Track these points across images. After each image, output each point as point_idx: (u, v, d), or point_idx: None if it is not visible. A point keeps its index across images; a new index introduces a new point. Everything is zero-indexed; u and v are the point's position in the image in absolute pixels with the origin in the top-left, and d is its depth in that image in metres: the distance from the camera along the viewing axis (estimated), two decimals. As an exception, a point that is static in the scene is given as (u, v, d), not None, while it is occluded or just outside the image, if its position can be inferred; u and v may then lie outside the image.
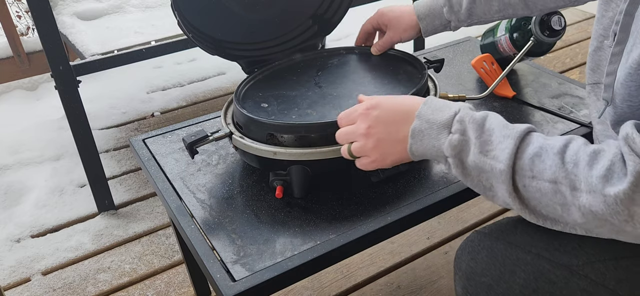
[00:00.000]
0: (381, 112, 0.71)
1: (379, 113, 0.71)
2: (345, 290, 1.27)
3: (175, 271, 1.37)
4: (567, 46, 2.44)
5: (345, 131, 0.75)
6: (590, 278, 0.63)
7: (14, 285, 1.36)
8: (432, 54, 1.04)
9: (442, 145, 0.65)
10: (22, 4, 2.72)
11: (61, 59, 1.34)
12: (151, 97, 2.22)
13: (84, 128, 1.45)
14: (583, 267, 0.64)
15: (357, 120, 0.73)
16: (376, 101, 0.72)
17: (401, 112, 0.70)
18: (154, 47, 1.53)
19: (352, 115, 0.74)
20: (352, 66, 1.04)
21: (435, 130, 0.66)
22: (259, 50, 1.07)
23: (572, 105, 1.06)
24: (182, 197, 0.88)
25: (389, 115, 0.71)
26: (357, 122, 0.73)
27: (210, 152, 0.99)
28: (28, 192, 1.68)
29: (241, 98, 0.95)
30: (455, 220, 1.46)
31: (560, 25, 1.02)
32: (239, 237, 0.78)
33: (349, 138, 0.74)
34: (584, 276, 0.64)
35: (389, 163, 0.72)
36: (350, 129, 0.74)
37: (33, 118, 2.07)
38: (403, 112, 0.70)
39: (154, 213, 1.57)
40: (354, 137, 0.73)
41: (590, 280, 0.63)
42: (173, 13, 0.94)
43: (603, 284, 0.64)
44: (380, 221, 0.79)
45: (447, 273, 1.30)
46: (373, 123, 0.71)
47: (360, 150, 0.73)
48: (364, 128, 0.71)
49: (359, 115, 0.73)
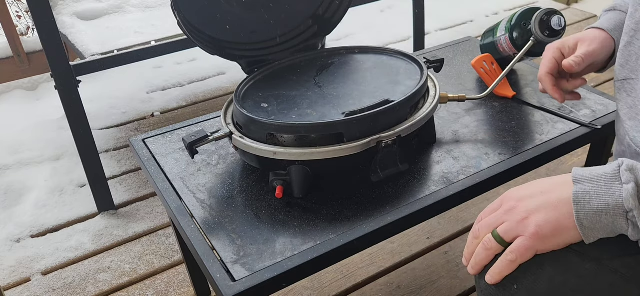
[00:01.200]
0: (525, 190, 0.63)
1: (523, 192, 0.62)
2: (345, 290, 1.27)
3: (175, 271, 1.37)
4: (567, 46, 2.44)
5: (487, 220, 0.64)
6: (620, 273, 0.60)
7: (14, 285, 1.36)
8: (432, 54, 1.04)
9: (619, 198, 0.56)
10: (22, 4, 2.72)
11: (61, 59, 1.34)
12: (151, 97, 2.22)
13: (84, 128, 1.44)
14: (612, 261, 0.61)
15: (502, 204, 0.64)
16: (513, 188, 0.64)
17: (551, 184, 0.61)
18: (154, 47, 1.53)
19: (494, 203, 0.65)
20: (352, 66, 1.04)
21: (604, 185, 0.57)
22: (259, 50, 1.07)
23: (572, 105, 1.06)
24: (182, 197, 0.88)
25: (536, 189, 0.62)
26: (502, 205, 0.63)
27: (210, 152, 0.99)
28: (28, 192, 1.68)
29: (241, 98, 0.95)
30: (455, 220, 1.46)
31: (560, 25, 1.02)
32: (239, 237, 0.78)
33: (493, 224, 0.63)
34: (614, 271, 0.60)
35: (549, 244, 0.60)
36: (493, 215, 0.63)
37: (33, 118, 2.07)
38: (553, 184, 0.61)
39: (154, 213, 1.57)
40: (497, 219, 0.62)
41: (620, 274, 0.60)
42: (173, 13, 0.94)
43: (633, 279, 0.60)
44: (380, 221, 0.79)
45: (447, 273, 1.30)
46: (520, 198, 0.62)
47: (509, 230, 0.61)
48: (509, 205, 0.62)
49: (502, 199, 0.64)
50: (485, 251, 0.62)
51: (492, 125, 1.01)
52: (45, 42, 1.31)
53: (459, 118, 1.04)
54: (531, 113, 1.04)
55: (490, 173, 0.88)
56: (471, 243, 0.64)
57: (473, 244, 0.64)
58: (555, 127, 0.99)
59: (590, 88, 1.12)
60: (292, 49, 1.09)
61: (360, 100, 0.90)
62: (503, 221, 0.61)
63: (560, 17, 1.02)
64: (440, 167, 0.90)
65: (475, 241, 0.64)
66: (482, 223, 0.64)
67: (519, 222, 0.60)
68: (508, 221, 0.61)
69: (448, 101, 0.99)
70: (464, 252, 0.66)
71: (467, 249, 0.65)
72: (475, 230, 0.64)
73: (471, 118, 1.04)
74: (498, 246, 0.61)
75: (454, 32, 2.67)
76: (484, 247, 0.62)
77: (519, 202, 0.61)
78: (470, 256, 0.64)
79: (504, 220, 0.61)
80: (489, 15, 2.85)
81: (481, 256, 0.62)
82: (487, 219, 0.63)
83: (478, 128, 1.00)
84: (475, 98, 1.08)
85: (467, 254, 0.65)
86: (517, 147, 0.94)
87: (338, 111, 0.87)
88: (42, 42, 1.31)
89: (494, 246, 0.61)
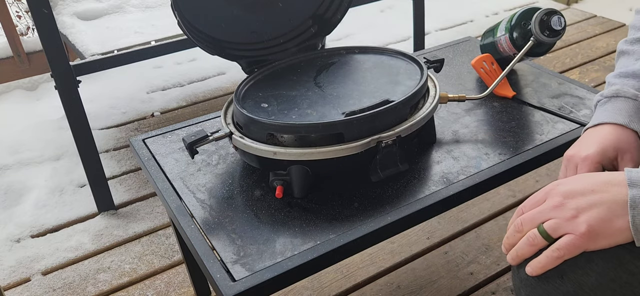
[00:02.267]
0: (572, 185, 0.61)
1: (569, 187, 0.61)
2: (345, 290, 1.27)
3: (175, 271, 1.37)
4: (567, 46, 2.44)
5: (531, 214, 0.62)
6: None
7: (14, 285, 1.36)
8: (432, 54, 1.04)
9: None
10: (22, 4, 2.72)
11: (61, 59, 1.34)
12: (151, 97, 2.22)
13: (84, 128, 1.45)
14: None
15: (547, 198, 0.62)
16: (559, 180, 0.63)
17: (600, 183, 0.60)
18: (154, 47, 1.53)
19: (537, 196, 0.63)
20: (352, 66, 1.04)
21: None
22: (259, 50, 1.07)
23: (572, 105, 1.06)
24: (182, 197, 0.88)
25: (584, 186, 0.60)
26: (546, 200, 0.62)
27: (210, 152, 0.99)
28: (28, 192, 1.68)
29: (241, 98, 0.95)
30: (455, 220, 1.46)
31: (560, 25, 1.02)
32: (239, 237, 0.78)
33: (538, 218, 0.61)
34: None
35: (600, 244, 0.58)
36: (538, 209, 0.62)
37: (33, 118, 2.07)
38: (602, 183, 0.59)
39: (154, 213, 1.57)
40: (544, 214, 0.61)
41: None
42: (173, 13, 0.94)
43: None
44: (380, 221, 0.79)
45: (447, 273, 1.30)
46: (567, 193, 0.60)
47: (557, 227, 0.59)
48: (556, 201, 0.60)
49: (546, 193, 0.62)
50: (530, 246, 0.61)
51: (492, 125, 1.01)
52: (45, 42, 1.31)
53: (459, 118, 1.04)
54: (531, 113, 1.04)
55: (490, 173, 0.88)
56: (512, 235, 0.63)
57: (515, 237, 0.63)
58: (555, 127, 0.99)
59: (590, 89, 1.12)
60: (292, 49, 1.09)
61: (360, 100, 0.90)
62: (550, 217, 0.60)
63: (560, 17, 1.02)
64: (440, 167, 0.90)
65: (517, 234, 0.63)
66: (525, 216, 0.62)
67: (568, 219, 0.59)
68: (556, 218, 0.59)
69: (448, 101, 0.99)
70: (503, 241, 0.65)
71: (508, 240, 0.64)
72: (518, 223, 0.63)
73: (471, 118, 1.04)
74: (543, 241, 0.60)
75: (454, 32, 2.67)
76: (528, 242, 0.61)
77: (567, 198, 0.60)
78: (511, 247, 0.64)
79: (552, 216, 0.60)
80: (489, 15, 2.85)
81: (524, 250, 0.62)
82: (532, 213, 0.62)
83: (478, 128, 1.00)
84: (475, 98, 1.08)
85: (508, 245, 0.64)
86: (517, 147, 0.94)
87: (338, 111, 0.87)
88: (42, 42, 1.31)
89: (539, 242, 0.60)
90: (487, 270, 1.30)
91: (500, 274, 1.29)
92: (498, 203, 1.51)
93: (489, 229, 1.42)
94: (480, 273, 1.29)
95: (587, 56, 2.34)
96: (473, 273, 1.29)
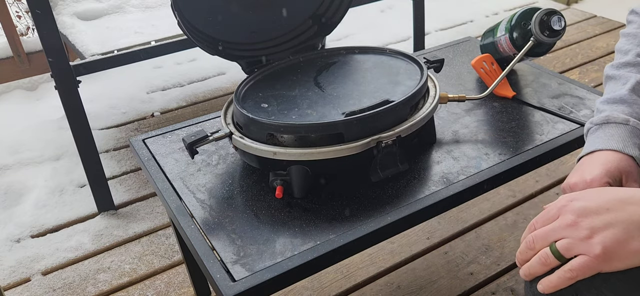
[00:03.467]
0: (585, 202, 0.58)
1: (582, 204, 0.58)
2: (345, 290, 1.27)
3: (175, 271, 1.37)
4: (567, 46, 2.44)
5: (543, 231, 0.60)
6: None
7: (14, 285, 1.36)
8: (432, 54, 1.04)
9: None
10: (22, 4, 2.72)
11: (61, 59, 1.34)
12: (151, 97, 2.22)
13: (84, 128, 1.44)
14: None
15: (559, 215, 0.59)
16: (572, 195, 0.60)
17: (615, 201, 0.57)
18: (154, 47, 1.53)
19: (550, 212, 0.61)
20: (352, 66, 1.04)
21: None
22: (259, 50, 1.07)
23: (572, 105, 1.06)
24: (182, 197, 0.88)
25: (598, 204, 0.57)
26: (559, 217, 0.59)
27: (210, 152, 0.99)
28: (28, 192, 1.68)
29: (241, 99, 0.95)
30: (455, 220, 1.46)
31: (560, 25, 1.02)
32: (239, 237, 0.78)
33: (551, 237, 0.59)
34: None
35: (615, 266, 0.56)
36: (550, 226, 0.59)
37: (33, 118, 2.07)
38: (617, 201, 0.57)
39: (154, 213, 1.57)
40: (557, 233, 0.58)
41: None
42: (173, 13, 0.94)
43: None
44: (380, 221, 0.79)
45: (447, 273, 1.30)
46: (580, 212, 0.57)
47: (570, 247, 0.57)
48: (570, 219, 0.58)
49: (559, 209, 0.60)
50: (542, 265, 0.59)
51: (492, 125, 1.01)
52: (45, 42, 1.31)
53: (459, 119, 1.04)
54: (531, 113, 1.04)
55: (490, 173, 0.88)
56: (525, 251, 0.61)
57: (527, 254, 0.61)
58: (555, 127, 0.99)
59: (590, 89, 1.12)
60: (292, 49, 1.09)
61: (360, 100, 0.90)
62: (563, 236, 0.58)
63: (560, 17, 1.02)
64: (440, 167, 0.90)
65: (529, 251, 0.61)
66: (537, 234, 0.60)
67: (582, 239, 0.56)
68: (570, 237, 0.57)
69: (448, 101, 0.99)
70: (516, 255, 0.63)
71: (521, 255, 0.62)
72: (530, 240, 0.61)
73: (471, 118, 1.04)
74: (556, 261, 0.58)
75: (454, 32, 2.67)
76: (540, 261, 0.59)
77: (581, 216, 0.57)
78: (524, 262, 0.62)
79: (565, 235, 0.58)
80: (489, 15, 2.85)
81: (536, 269, 0.60)
82: (544, 230, 0.60)
83: (478, 128, 1.00)
84: (475, 99, 1.08)
85: (521, 260, 0.62)
86: (517, 147, 0.94)
87: (338, 111, 0.87)
88: (42, 42, 1.31)
89: (552, 261, 0.58)
90: (487, 270, 1.30)
91: (501, 274, 1.29)
92: (498, 203, 1.51)
93: (489, 229, 1.42)
94: (480, 273, 1.29)
95: (587, 56, 2.34)
96: (473, 273, 1.29)
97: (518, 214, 1.46)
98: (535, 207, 1.47)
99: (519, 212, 1.47)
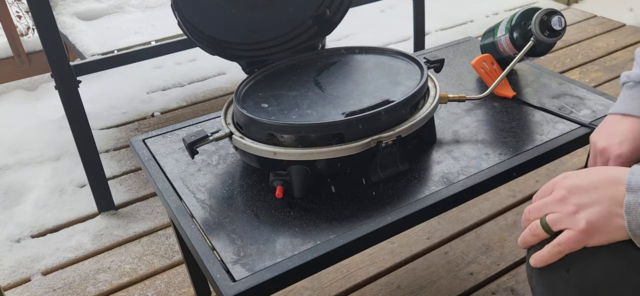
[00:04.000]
0: (577, 180, 0.61)
1: (574, 181, 0.61)
2: (345, 290, 1.27)
3: (175, 271, 1.37)
4: (567, 46, 2.44)
5: (537, 204, 0.64)
6: None
7: (14, 285, 1.36)
8: (432, 54, 1.04)
9: None
10: (22, 4, 2.72)
11: (61, 59, 1.34)
12: (151, 97, 2.22)
13: (84, 128, 1.44)
14: None
15: (553, 190, 0.63)
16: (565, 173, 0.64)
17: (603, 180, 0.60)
18: (154, 47, 1.53)
19: (546, 187, 0.65)
20: (352, 66, 1.04)
21: None
22: (259, 50, 1.07)
23: (572, 105, 1.06)
24: (182, 197, 0.88)
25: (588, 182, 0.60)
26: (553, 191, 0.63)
27: (210, 152, 0.99)
28: (28, 192, 1.68)
29: (241, 99, 0.95)
30: (455, 220, 1.46)
31: (560, 25, 1.02)
32: (239, 237, 0.78)
33: (543, 210, 0.63)
34: None
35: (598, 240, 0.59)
36: (543, 200, 0.64)
37: (33, 118, 2.07)
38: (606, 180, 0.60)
39: (154, 213, 1.57)
40: (547, 207, 0.62)
41: None
42: (173, 13, 0.94)
43: None
44: (380, 221, 0.79)
45: (447, 273, 1.30)
46: (570, 188, 0.61)
47: (557, 221, 0.61)
48: (560, 194, 0.61)
49: (554, 184, 0.63)
50: (532, 236, 0.63)
51: (492, 125, 1.01)
52: (45, 42, 1.31)
53: (459, 119, 1.04)
54: (531, 113, 1.04)
55: (490, 173, 0.88)
56: (523, 223, 0.65)
57: (524, 224, 0.65)
58: (555, 127, 0.99)
59: (590, 89, 1.12)
60: (292, 49, 1.09)
61: (360, 100, 0.90)
62: (553, 210, 0.61)
63: (560, 17, 1.02)
64: (440, 167, 0.90)
65: (525, 222, 0.65)
66: (532, 206, 0.64)
67: (569, 214, 0.60)
68: (557, 212, 0.61)
69: (448, 101, 0.99)
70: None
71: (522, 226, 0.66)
72: (526, 211, 0.65)
73: (471, 118, 1.04)
74: (545, 233, 0.62)
75: (454, 32, 2.67)
76: (531, 232, 0.63)
77: (570, 193, 0.61)
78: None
79: (554, 210, 0.61)
80: (489, 15, 2.85)
81: (528, 239, 0.64)
82: (538, 204, 0.64)
83: (478, 128, 1.00)
84: (475, 99, 1.08)
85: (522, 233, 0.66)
86: (517, 147, 0.94)
87: (338, 111, 0.87)
88: (42, 42, 1.31)
89: (541, 233, 0.62)
90: (487, 270, 1.30)
91: (501, 274, 1.29)
92: (498, 203, 1.51)
93: (489, 229, 1.42)
94: (480, 273, 1.29)
95: (587, 56, 2.34)
96: (473, 273, 1.29)
97: (518, 214, 1.46)
98: (535, 207, 1.47)
99: (519, 212, 1.47)
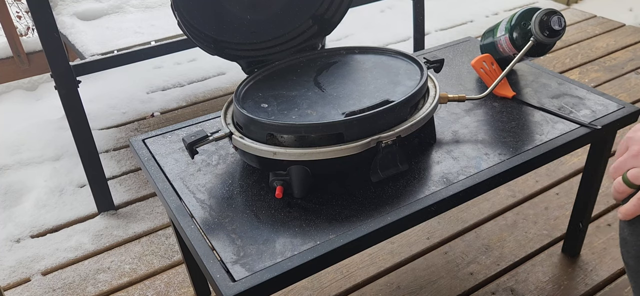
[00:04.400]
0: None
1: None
2: (345, 290, 1.27)
3: (175, 271, 1.37)
4: (567, 46, 2.44)
5: (617, 163, 0.65)
6: None
7: (13, 285, 1.36)
8: (432, 54, 1.04)
9: None
10: (22, 4, 2.72)
11: (61, 59, 1.34)
12: (151, 97, 2.22)
13: (84, 128, 1.44)
14: None
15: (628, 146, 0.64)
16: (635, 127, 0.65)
17: None
18: (154, 47, 1.53)
19: (620, 146, 0.66)
20: (352, 66, 1.04)
21: None
22: (259, 50, 1.07)
23: (572, 105, 1.06)
24: (182, 197, 0.88)
25: None
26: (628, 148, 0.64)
27: (210, 152, 0.99)
28: (28, 192, 1.68)
29: (241, 99, 0.95)
30: (455, 220, 1.46)
31: (560, 25, 1.02)
32: (239, 237, 0.78)
33: (622, 167, 0.64)
34: None
35: None
36: (621, 158, 0.64)
37: (33, 118, 2.07)
38: None
39: (154, 213, 1.57)
40: (626, 163, 0.63)
41: None
42: (173, 13, 0.94)
43: None
44: (380, 221, 0.79)
45: (447, 273, 1.30)
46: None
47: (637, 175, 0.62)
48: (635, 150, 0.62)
49: (627, 140, 0.64)
50: (618, 193, 0.65)
51: (492, 125, 1.01)
52: (45, 42, 1.31)
53: (459, 119, 1.04)
54: (531, 113, 1.04)
55: (490, 173, 0.88)
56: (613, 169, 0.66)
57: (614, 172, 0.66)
58: (555, 127, 0.99)
59: (590, 89, 1.12)
60: (292, 49, 1.09)
61: (360, 101, 0.90)
62: (632, 165, 0.63)
63: (560, 18, 1.02)
64: (440, 167, 0.90)
65: (613, 181, 0.66)
66: (615, 165, 0.65)
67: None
68: (636, 166, 0.62)
69: (448, 101, 0.99)
70: None
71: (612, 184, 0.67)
72: (611, 171, 0.66)
73: (471, 118, 1.04)
74: (628, 189, 0.63)
75: (454, 32, 2.67)
76: (616, 190, 0.65)
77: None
78: None
79: (633, 165, 0.62)
80: (489, 15, 2.85)
81: (616, 196, 0.66)
82: (617, 162, 0.65)
83: (478, 128, 1.00)
84: (475, 99, 1.08)
85: None
86: (517, 147, 0.94)
87: (338, 111, 0.87)
88: (42, 42, 1.30)
89: (625, 190, 0.63)
90: (487, 270, 1.30)
91: (501, 274, 1.29)
92: (498, 203, 1.51)
93: (489, 229, 1.42)
94: (480, 273, 1.29)
95: (587, 56, 2.34)
96: (473, 273, 1.29)
97: (518, 214, 1.46)
98: (535, 207, 1.47)
99: (519, 212, 1.47)
